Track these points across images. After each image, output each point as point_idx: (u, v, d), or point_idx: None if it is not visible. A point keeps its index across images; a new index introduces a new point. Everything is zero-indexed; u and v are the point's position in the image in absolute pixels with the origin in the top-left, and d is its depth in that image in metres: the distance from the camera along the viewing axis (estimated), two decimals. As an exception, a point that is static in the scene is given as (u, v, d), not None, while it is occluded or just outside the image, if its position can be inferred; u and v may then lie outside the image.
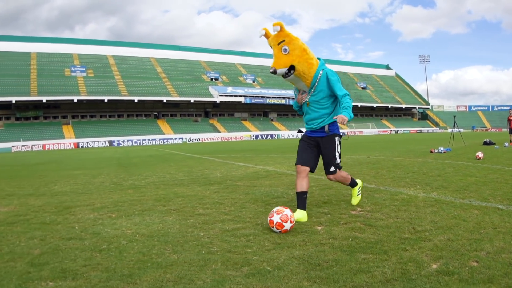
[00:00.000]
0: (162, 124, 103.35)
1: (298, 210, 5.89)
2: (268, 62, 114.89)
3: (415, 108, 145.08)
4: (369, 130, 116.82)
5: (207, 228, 5.60)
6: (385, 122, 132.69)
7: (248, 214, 6.43)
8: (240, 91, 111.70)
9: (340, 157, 6.34)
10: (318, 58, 6.26)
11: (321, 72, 6.01)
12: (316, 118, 6.15)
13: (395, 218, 5.60)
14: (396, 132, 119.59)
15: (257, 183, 10.19)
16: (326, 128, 6.10)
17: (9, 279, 3.91)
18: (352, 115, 5.81)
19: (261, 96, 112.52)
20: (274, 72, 5.99)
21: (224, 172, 13.08)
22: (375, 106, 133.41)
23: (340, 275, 3.44)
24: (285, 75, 6.03)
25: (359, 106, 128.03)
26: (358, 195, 6.67)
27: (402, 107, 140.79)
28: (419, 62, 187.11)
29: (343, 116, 5.63)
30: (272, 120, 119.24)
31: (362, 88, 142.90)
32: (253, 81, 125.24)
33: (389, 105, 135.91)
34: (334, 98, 6.11)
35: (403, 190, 7.92)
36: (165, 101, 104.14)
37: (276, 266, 3.84)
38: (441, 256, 3.89)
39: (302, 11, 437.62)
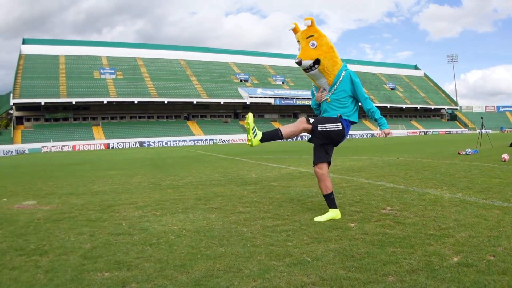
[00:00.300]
0: (192, 125, 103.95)
1: (331, 210, 6.18)
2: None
3: (444, 108, 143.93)
4: (399, 131, 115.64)
5: (249, 225, 5.97)
6: (414, 123, 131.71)
7: (286, 212, 6.74)
8: (269, 92, 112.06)
9: (325, 135, 6.14)
10: (344, 63, 6.40)
11: (344, 72, 6.20)
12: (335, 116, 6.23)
13: (422, 216, 5.91)
14: (425, 133, 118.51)
15: (292, 183, 10.46)
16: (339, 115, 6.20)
17: (64, 271, 4.20)
18: (386, 120, 6.18)
19: (291, 98, 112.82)
20: (300, 63, 6.18)
21: (258, 173, 13.44)
22: (404, 107, 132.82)
23: (371, 265, 3.82)
24: (309, 69, 6.20)
25: (389, 107, 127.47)
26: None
27: (431, 108, 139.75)
28: (447, 62, 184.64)
29: (387, 131, 6.09)
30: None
31: (391, 89, 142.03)
32: (283, 82, 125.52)
33: (418, 106, 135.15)
34: (353, 98, 6.28)
35: (430, 190, 8.17)
36: (195, 102, 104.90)
37: (314, 257, 4.19)
38: (461, 250, 4.21)
39: (330, 11, 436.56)
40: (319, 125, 6.11)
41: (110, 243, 5.27)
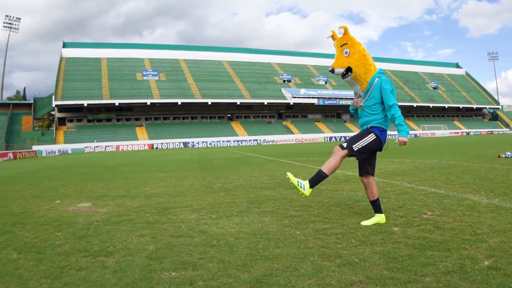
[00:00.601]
0: (236, 126, 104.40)
1: (377, 215, 6.49)
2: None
3: (485, 108, 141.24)
4: (441, 131, 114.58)
5: (301, 228, 6.36)
6: (456, 123, 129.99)
7: (335, 216, 7.12)
8: (313, 92, 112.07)
9: (363, 150, 6.35)
10: (379, 70, 6.45)
11: (376, 79, 6.27)
12: (368, 123, 6.45)
13: (460, 222, 6.22)
14: (467, 133, 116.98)
15: (339, 187, 10.77)
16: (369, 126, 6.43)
17: (132, 271, 4.57)
18: (408, 130, 6.24)
19: (334, 98, 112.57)
20: (332, 71, 6.36)
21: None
22: (446, 107, 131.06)
23: (411, 266, 4.25)
24: (342, 76, 6.40)
25: (431, 106, 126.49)
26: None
27: (473, 107, 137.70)
28: (487, 60, 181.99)
29: (403, 139, 6.17)
30: (345, 121, 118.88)
31: (434, 88, 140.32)
32: (326, 83, 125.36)
33: (460, 106, 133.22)
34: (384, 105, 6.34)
35: (469, 196, 8.42)
36: (238, 103, 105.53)
37: (362, 258, 4.61)
38: (493, 255, 4.55)
39: (370, 9, 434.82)
40: (353, 146, 6.27)
41: (173, 244, 5.70)
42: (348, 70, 6.29)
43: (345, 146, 6.31)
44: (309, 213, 7.52)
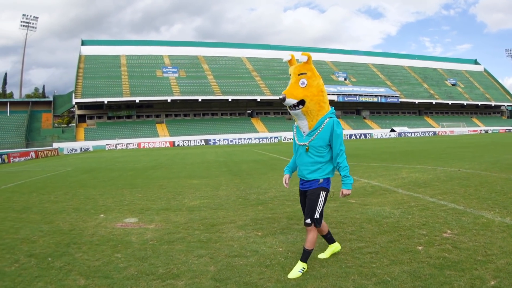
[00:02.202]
0: (256, 123, 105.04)
1: (330, 245, 6.64)
2: (359, 59, 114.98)
3: (504, 105, 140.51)
4: (460, 129, 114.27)
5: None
6: (475, 120, 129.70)
7: (367, 234, 7.71)
8: (332, 89, 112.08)
9: (321, 214, 6.03)
10: (331, 109, 6.14)
11: (328, 119, 5.90)
12: (309, 164, 6.02)
13: (474, 241, 6.79)
14: (486, 131, 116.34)
15: (367, 201, 11.25)
16: (321, 181, 6.00)
17: None
18: (352, 181, 5.99)
19: (354, 94, 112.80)
20: (283, 100, 5.83)
21: (334, 187, 13.70)
22: (465, 104, 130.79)
23: (433, 285, 5.09)
24: (292, 107, 5.89)
25: (450, 103, 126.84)
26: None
27: (491, 105, 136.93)
28: (505, 56, 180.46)
29: (347, 192, 5.92)
30: (364, 118, 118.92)
31: (452, 84, 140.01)
32: (345, 79, 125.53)
33: (479, 103, 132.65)
34: (331, 148, 5.97)
35: (485, 213, 8.88)
36: (258, 100, 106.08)
37: (393, 277, 5.44)
38: (498, 276, 5.28)
39: (387, 4, 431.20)
40: (315, 217, 5.97)
41: (232, 265, 6.21)
42: (301, 102, 5.85)
43: (310, 222, 5.96)
44: (344, 230, 8.12)
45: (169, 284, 5.70)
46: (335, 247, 6.65)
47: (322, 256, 6.50)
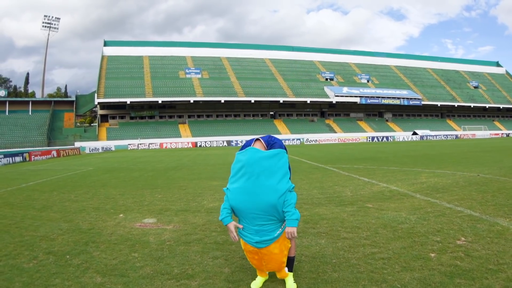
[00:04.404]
0: (279, 124, 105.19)
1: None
2: (382, 61, 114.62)
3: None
4: (482, 132, 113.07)
5: (353, 251, 7.02)
6: (497, 123, 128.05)
7: (381, 239, 7.71)
8: (355, 91, 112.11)
9: None
10: None
11: None
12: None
13: (487, 250, 6.75)
14: (508, 135, 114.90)
15: (384, 205, 11.24)
16: None
17: None
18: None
19: (376, 97, 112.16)
20: None
21: (353, 190, 14.20)
22: (487, 107, 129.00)
23: None
24: None
25: (472, 106, 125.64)
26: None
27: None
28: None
29: (291, 231, 5.30)
30: (387, 120, 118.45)
31: (474, 87, 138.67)
32: (368, 81, 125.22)
33: (501, 106, 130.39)
34: None
35: (500, 220, 8.82)
36: (281, 101, 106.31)
37: (403, 284, 5.49)
38: (508, 286, 5.29)
39: (409, 5, 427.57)
40: None
41: (245, 267, 6.31)
42: None
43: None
44: (359, 235, 8.13)
45: (183, 284, 5.84)
46: (265, 276, 6.03)
47: (254, 286, 5.83)
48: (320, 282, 5.75)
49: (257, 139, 5.87)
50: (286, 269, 5.73)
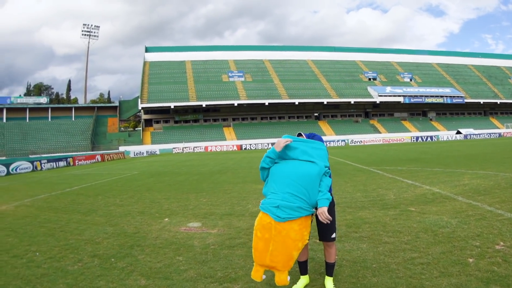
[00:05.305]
0: (323, 125, 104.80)
1: (302, 276, 6.26)
2: (424, 59, 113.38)
3: None
4: None
5: (393, 256, 7.13)
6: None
7: (421, 244, 7.75)
8: (398, 90, 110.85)
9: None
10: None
11: None
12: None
13: None
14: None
15: (426, 209, 11.19)
16: None
17: None
18: None
19: (420, 96, 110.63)
20: None
21: (396, 193, 14.20)
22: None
23: None
24: None
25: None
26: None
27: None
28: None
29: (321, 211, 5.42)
30: (431, 119, 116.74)
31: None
32: (410, 80, 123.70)
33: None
34: None
35: None
36: (325, 103, 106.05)
37: None
38: None
39: (448, 1, 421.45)
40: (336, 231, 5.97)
41: (292, 272, 6.27)
42: None
43: (335, 237, 5.95)
44: (400, 240, 8.20)
45: (226, 287, 6.06)
46: (306, 279, 6.27)
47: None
48: (360, 287, 5.88)
49: (299, 134, 6.02)
50: (288, 277, 5.62)
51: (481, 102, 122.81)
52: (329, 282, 5.96)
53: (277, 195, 5.46)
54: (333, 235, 5.87)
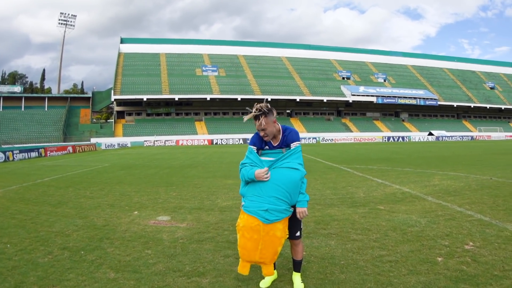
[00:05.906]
0: (295, 123, 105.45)
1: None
2: (398, 61, 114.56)
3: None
4: (497, 134, 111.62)
5: (361, 253, 7.11)
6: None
7: (390, 242, 7.77)
8: (372, 90, 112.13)
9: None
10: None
11: None
12: None
13: (494, 255, 6.74)
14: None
15: (395, 208, 11.24)
16: None
17: None
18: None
19: (393, 96, 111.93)
20: None
21: (366, 191, 14.27)
22: (503, 108, 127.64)
23: None
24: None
25: (488, 107, 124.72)
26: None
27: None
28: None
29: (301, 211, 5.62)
30: (403, 120, 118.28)
31: (491, 88, 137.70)
32: (384, 80, 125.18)
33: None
34: None
35: (509, 226, 8.73)
36: (298, 100, 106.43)
37: (407, 287, 5.59)
38: None
39: (426, 5, 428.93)
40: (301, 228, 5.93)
41: (255, 266, 6.23)
42: None
43: (299, 235, 5.89)
44: (369, 237, 8.20)
45: (194, 281, 5.97)
46: (274, 275, 6.22)
47: (263, 285, 6.01)
48: (327, 283, 5.87)
49: None
50: (275, 271, 5.94)
51: (455, 105, 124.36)
52: (297, 277, 5.95)
53: (263, 199, 5.49)
54: (298, 233, 5.84)
